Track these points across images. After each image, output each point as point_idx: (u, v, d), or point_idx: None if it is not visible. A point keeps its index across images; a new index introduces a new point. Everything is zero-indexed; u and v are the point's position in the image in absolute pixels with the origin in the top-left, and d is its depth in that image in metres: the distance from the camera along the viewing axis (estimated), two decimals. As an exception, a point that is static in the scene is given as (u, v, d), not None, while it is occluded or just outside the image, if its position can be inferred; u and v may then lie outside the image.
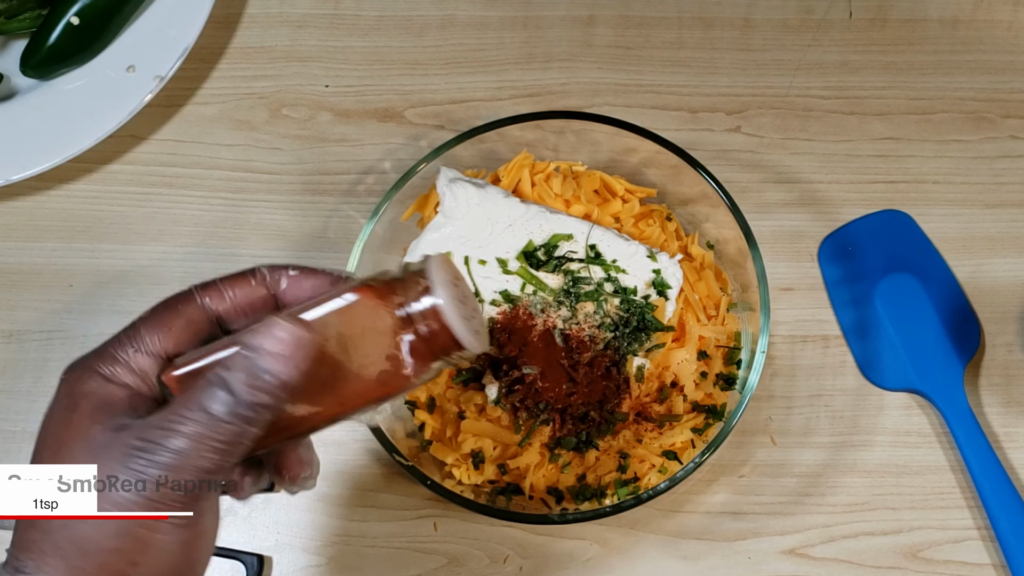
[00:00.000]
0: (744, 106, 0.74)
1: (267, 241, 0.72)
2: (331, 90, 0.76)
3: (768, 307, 0.61)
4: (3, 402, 0.70)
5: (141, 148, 0.75)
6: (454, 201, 0.64)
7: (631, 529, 0.66)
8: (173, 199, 0.74)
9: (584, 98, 0.75)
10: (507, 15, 0.77)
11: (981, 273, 0.70)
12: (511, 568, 0.65)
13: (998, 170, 0.73)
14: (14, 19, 0.73)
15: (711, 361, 0.63)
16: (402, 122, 0.75)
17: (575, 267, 0.63)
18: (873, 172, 0.73)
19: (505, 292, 0.63)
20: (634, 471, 0.62)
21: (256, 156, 0.75)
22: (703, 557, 0.65)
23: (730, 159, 0.73)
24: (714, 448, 0.58)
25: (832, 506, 0.66)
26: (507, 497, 0.62)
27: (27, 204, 0.74)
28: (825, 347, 0.69)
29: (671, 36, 0.76)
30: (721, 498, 0.66)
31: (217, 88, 0.76)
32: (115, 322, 0.71)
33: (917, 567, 0.65)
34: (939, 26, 0.76)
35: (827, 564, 0.65)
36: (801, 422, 0.68)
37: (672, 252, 0.65)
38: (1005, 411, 0.67)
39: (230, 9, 0.78)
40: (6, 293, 0.72)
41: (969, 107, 0.74)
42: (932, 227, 0.71)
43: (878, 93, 0.75)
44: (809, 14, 0.77)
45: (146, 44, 0.73)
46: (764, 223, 0.71)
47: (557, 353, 0.61)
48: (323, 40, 0.77)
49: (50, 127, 0.72)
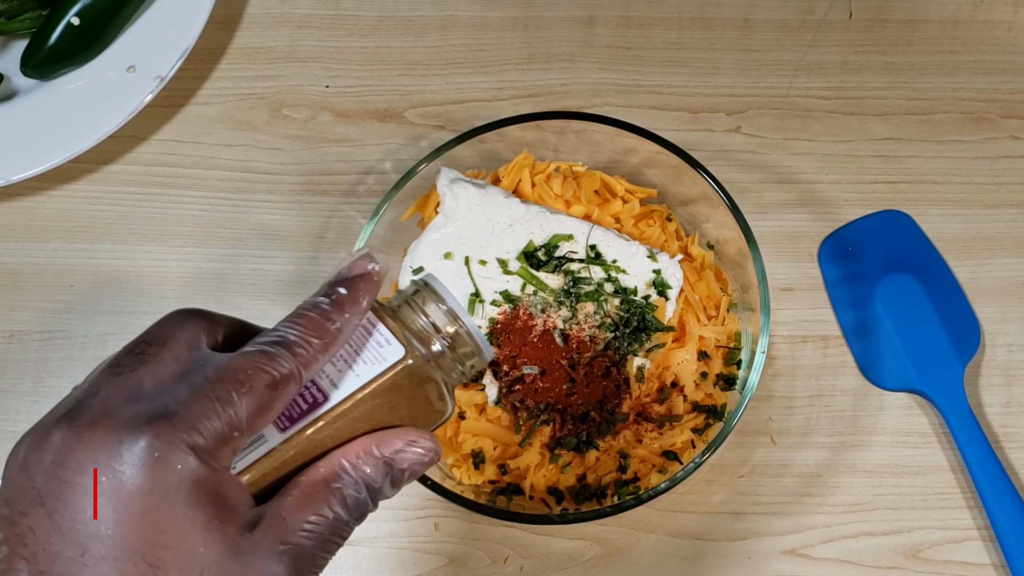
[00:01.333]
0: (744, 106, 0.74)
1: (267, 241, 0.73)
2: (331, 90, 0.76)
3: (768, 307, 0.61)
4: (3, 402, 0.70)
5: (141, 148, 0.75)
6: (454, 201, 0.64)
7: (631, 529, 0.66)
8: (173, 199, 0.74)
9: (584, 98, 0.75)
10: (507, 15, 0.77)
11: (981, 273, 0.70)
12: (511, 568, 0.65)
13: (998, 170, 0.73)
14: (14, 19, 0.73)
15: (711, 361, 0.63)
16: (402, 122, 0.75)
17: (575, 267, 0.63)
18: (873, 172, 0.73)
19: (505, 292, 0.63)
20: (634, 471, 0.62)
21: (256, 156, 0.75)
22: (703, 557, 0.65)
23: (730, 159, 0.73)
24: (714, 448, 0.58)
25: (832, 506, 0.66)
26: (507, 497, 0.62)
27: (27, 204, 0.74)
28: (825, 347, 0.69)
29: (671, 36, 0.76)
30: (721, 498, 0.66)
31: (217, 88, 0.76)
32: (115, 322, 0.72)
33: (917, 567, 0.65)
34: (939, 26, 0.76)
35: (827, 564, 0.65)
36: (801, 422, 0.68)
37: (672, 252, 0.65)
38: (1005, 411, 0.68)
39: (230, 9, 0.78)
40: (6, 293, 0.72)
41: (969, 107, 0.74)
42: (932, 227, 0.71)
43: (878, 93, 0.75)
44: (809, 14, 0.77)
45: (146, 44, 0.73)
46: (764, 223, 0.71)
47: (557, 353, 0.61)
48: (324, 40, 0.77)
49: (50, 127, 0.72)
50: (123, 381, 0.34)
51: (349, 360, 0.37)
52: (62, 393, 0.73)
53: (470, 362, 0.39)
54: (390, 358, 0.37)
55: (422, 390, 0.38)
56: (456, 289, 0.63)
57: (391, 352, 0.37)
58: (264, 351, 0.35)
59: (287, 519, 0.35)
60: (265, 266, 0.72)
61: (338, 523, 0.36)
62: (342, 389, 0.37)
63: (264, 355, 0.35)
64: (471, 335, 0.38)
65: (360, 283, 0.37)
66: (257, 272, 0.72)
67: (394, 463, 0.37)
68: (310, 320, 0.37)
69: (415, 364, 0.37)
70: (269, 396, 0.35)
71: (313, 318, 0.37)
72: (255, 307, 0.71)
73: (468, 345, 0.39)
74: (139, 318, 0.71)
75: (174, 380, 0.35)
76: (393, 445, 0.37)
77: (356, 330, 0.38)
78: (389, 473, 0.37)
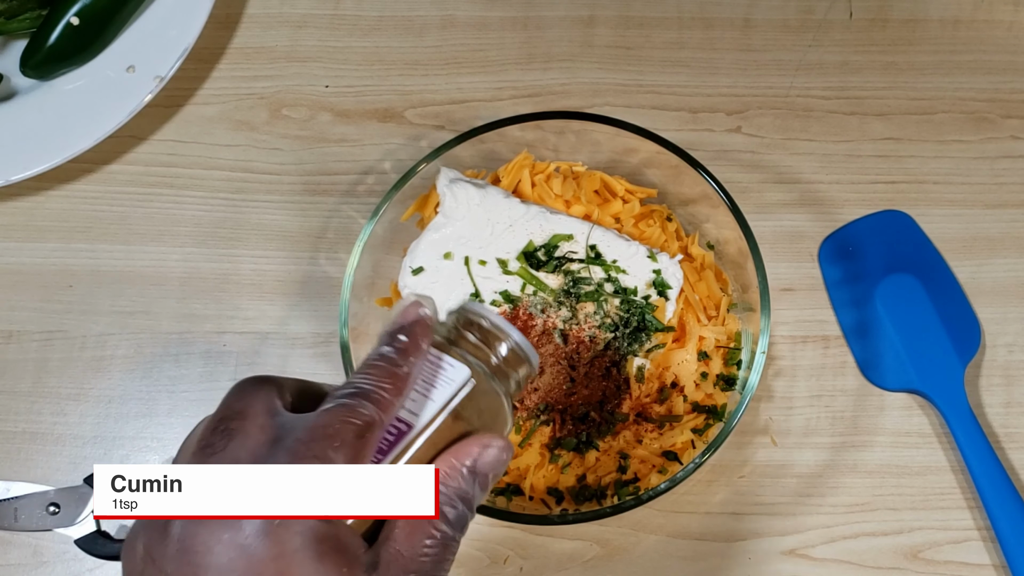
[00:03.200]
0: (744, 106, 0.74)
1: (267, 242, 0.72)
2: (331, 90, 0.76)
3: (768, 307, 0.61)
4: (3, 402, 0.70)
5: (141, 148, 0.75)
6: (454, 201, 0.64)
7: (631, 530, 0.66)
8: (173, 199, 0.74)
9: (584, 98, 0.75)
10: (507, 15, 0.77)
11: (982, 273, 0.70)
12: (511, 569, 0.65)
13: (999, 170, 0.73)
14: (14, 19, 0.73)
15: (711, 361, 0.63)
16: (402, 122, 0.75)
17: (575, 267, 0.63)
18: (873, 172, 0.73)
19: (505, 292, 0.63)
20: (634, 472, 0.62)
21: (256, 156, 0.75)
22: (703, 557, 0.65)
23: (730, 159, 0.73)
24: (714, 449, 0.58)
25: (832, 507, 0.66)
26: (507, 498, 0.62)
27: (27, 204, 0.74)
28: (825, 347, 0.69)
29: (671, 36, 0.76)
30: (721, 498, 0.66)
31: (217, 88, 0.76)
32: (115, 322, 0.72)
33: (918, 568, 0.65)
34: (940, 26, 0.76)
35: (827, 565, 0.65)
36: (801, 422, 0.67)
37: (672, 252, 0.64)
38: (1005, 411, 0.67)
39: (230, 9, 0.78)
40: (6, 293, 0.72)
41: (970, 107, 0.74)
42: (933, 227, 0.71)
43: (879, 93, 0.75)
44: (809, 14, 0.77)
45: (146, 44, 0.73)
46: (764, 223, 0.71)
47: (557, 353, 0.61)
48: (323, 40, 0.77)
49: (50, 127, 0.72)
50: (220, 460, 0.36)
51: (421, 390, 0.40)
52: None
53: (522, 369, 0.43)
54: (457, 379, 0.41)
55: (488, 402, 0.41)
56: (456, 289, 0.63)
57: (456, 373, 0.41)
58: (344, 404, 0.37)
59: (403, 551, 0.37)
60: (265, 266, 0.72)
61: (447, 540, 0.38)
62: (422, 416, 0.40)
63: (346, 408, 0.37)
64: (519, 344, 0.43)
65: (417, 328, 0.40)
66: (257, 272, 0.72)
67: (477, 469, 0.40)
68: (380, 369, 0.39)
69: (479, 379, 0.41)
70: (359, 444, 0.37)
71: (382, 367, 0.39)
72: (255, 307, 0.71)
73: (517, 353, 0.43)
74: (139, 318, 0.71)
75: (268, 448, 0.36)
76: (471, 454, 0.39)
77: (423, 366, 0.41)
78: (475, 480, 0.40)
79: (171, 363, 0.70)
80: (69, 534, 0.66)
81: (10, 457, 0.68)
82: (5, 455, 0.68)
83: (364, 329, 0.64)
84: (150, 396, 0.70)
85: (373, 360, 0.39)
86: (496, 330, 0.43)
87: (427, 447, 0.39)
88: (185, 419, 0.69)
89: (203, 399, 0.69)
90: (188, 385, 0.70)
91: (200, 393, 0.69)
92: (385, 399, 0.38)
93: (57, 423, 0.69)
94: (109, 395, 0.70)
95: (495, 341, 0.43)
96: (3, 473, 0.68)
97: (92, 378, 0.70)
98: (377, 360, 0.39)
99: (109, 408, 0.70)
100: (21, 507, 0.66)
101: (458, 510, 0.39)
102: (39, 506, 0.66)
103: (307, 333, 0.70)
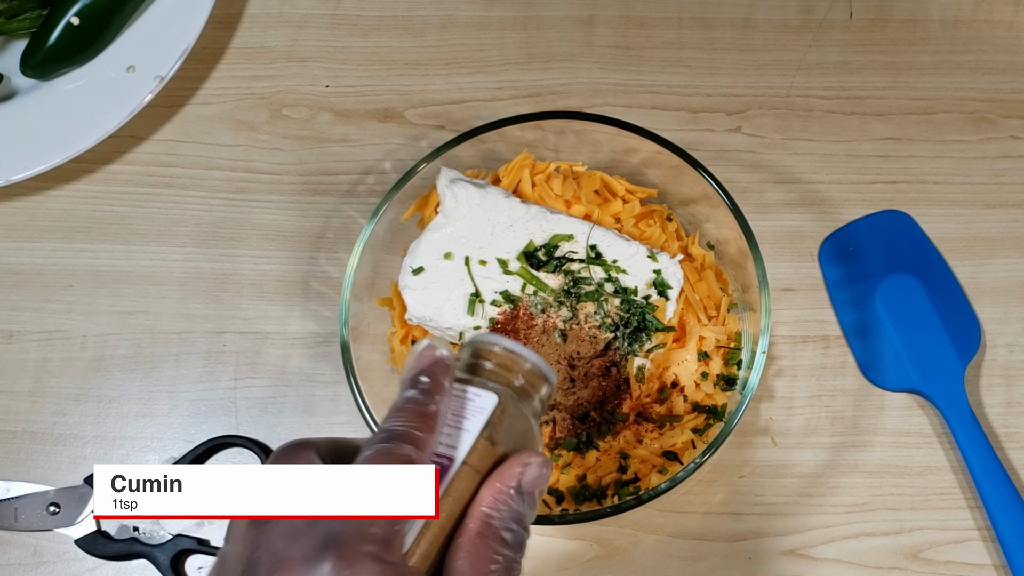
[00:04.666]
0: (745, 106, 0.74)
1: (267, 242, 0.72)
2: (331, 90, 0.76)
3: (769, 307, 0.61)
4: (3, 402, 0.70)
5: (141, 148, 0.75)
6: (455, 201, 0.64)
7: (631, 530, 0.66)
8: (173, 199, 0.74)
9: (584, 98, 0.75)
10: (507, 15, 0.77)
11: (982, 273, 0.70)
12: (511, 568, 0.65)
13: (999, 170, 0.73)
14: (14, 19, 0.73)
15: (711, 361, 0.63)
16: (402, 122, 0.75)
17: (575, 267, 0.63)
18: (874, 172, 0.73)
19: (506, 292, 0.63)
20: (634, 471, 0.62)
21: (256, 156, 0.75)
22: (703, 557, 0.65)
23: (730, 159, 0.73)
24: (715, 449, 0.58)
25: (833, 506, 0.66)
26: (507, 497, 0.62)
27: (27, 204, 0.74)
28: (826, 347, 0.69)
29: (671, 36, 0.76)
30: (721, 498, 0.66)
31: (217, 88, 0.76)
32: (115, 322, 0.72)
33: (918, 567, 0.65)
34: (940, 26, 0.76)
35: (828, 564, 0.65)
36: (802, 422, 0.67)
37: (673, 252, 0.64)
38: (1005, 411, 0.67)
39: (230, 9, 0.78)
40: (6, 293, 0.72)
41: (970, 107, 0.74)
42: (933, 227, 0.71)
43: (879, 93, 0.75)
44: (809, 14, 0.77)
45: (146, 44, 0.73)
46: (765, 223, 0.71)
47: (557, 353, 0.61)
48: (323, 40, 0.77)
49: (50, 127, 0.72)
50: (273, 527, 0.36)
51: (454, 424, 0.41)
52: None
53: (543, 388, 0.45)
54: (486, 406, 0.42)
55: (518, 422, 0.43)
56: (456, 289, 0.63)
57: (484, 401, 0.42)
58: (381, 449, 0.38)
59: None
60: (265, 266, 0.72)
61: (508, 562, 0.39)
62: (460, 448, 0.41)
63: (385, 452, 0.38)
64: (535, 364, 0.44)
65: (436, 368, 0.41)
66: (257, 272, 0.72)
67: (523, 488, 0.40)
68: (409, 412, 0.40)
69: (505, 401, 0.42)
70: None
71: (411, 408, 0.40)
72: (255, 307, 0.71)
73: (535, 373, 0.44)
74: (139, 318, 0.71)
75: None
76: (515, 475, 0.40)
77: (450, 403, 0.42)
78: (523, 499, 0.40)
79: (171, 363, 0.70)
80: (69, 534, 0.66)
81: (10, 457, 0.68)
82: (5, 455, 0.68)
83: (364, 329, 0.64)
84: (150, 396, 0.70)
85: (401, 405, 0.40)
86: (510, 354, 0.44)
87: (471, 476, 0.40)
88: (185, 419, 0.69)
89: (203, 399, 0.69)
90: (188, 385, 0.70)
91: (200, 393, 0.70)
92: (420, 437, 0.39)
93: (57, 423, 0.69)
94: (109, 395, 0.70)
95: (511, 364, 0.44)
96: (3, 473, 0.68)
97: (92, 378, 0.70)
98: (405, 404, 0.40)
99: (109, 408, 0.70)
100: (21, 507, 0.66)
101: (515, 532, 0.40)
102: (39, 506, 0.66)
103: (307, 333, 0.70)
